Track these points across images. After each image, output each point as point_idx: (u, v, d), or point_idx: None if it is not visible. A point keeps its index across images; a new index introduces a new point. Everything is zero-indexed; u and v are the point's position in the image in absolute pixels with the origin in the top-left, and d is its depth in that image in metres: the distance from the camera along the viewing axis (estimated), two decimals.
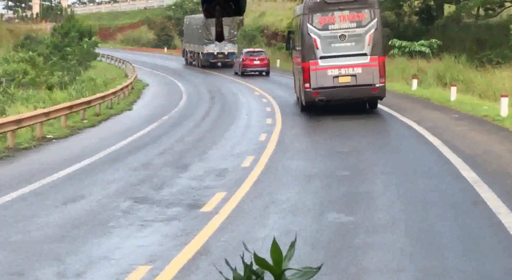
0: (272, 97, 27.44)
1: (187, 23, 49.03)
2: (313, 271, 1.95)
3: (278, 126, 18.99)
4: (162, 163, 13.46)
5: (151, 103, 26.77)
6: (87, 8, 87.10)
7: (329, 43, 19.39)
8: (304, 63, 19.56)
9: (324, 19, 19.35)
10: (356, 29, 19.35)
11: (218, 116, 21.98)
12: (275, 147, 15.27)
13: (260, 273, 1.95)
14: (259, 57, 39.33)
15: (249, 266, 1.94)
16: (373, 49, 19.38)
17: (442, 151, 13.92)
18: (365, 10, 19.40)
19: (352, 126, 18.54)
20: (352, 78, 19.36)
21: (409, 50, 40.84)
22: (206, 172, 12.48)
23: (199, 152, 14.81)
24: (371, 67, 19.36)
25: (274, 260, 1.95)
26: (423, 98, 25.48)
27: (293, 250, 1.97)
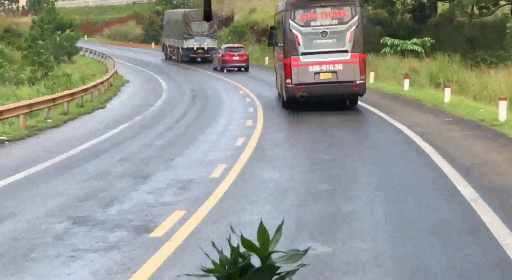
0: (256, 96, 25.87)
1: (167, 17, 48.54)
2: (300, 254, 1.93)
3: (258, 129, 17.42)
4: (121, 173, 11.85)
5: (128, 101, 25.15)
6: (75, 2, 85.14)
7: (310, 40, 19.35)
8: (286, 59, 19.48)
9: (306, 15, 19.31)
10: (337, 26, 19.35)
11: (196, 117, 20.38)
12: (252, 153, 13.69)
13: (246, 255, 1.91)
14: (238, 52, 38.80)
15: (235, 249, 1.91)
16: (354, 46, 19.37)
17: (435, 161, 12.37)
18: (347, 8, 19.40)
19: (337, 130, 16.98)
20: (333, 75, 19.39)
21: (401, 49, 39.29)
22: (168, 184, 10.89)
23: (166, 159, 13.21)
24: (352, 64, 19.37)
25: (261, 243, 1.92)
26: (415, 99, 23.94)
27: (280, 233, 1.96)
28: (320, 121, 18.66)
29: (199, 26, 43.32)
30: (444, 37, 42.56)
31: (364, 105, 22.44)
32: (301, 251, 1.97)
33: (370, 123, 18.41)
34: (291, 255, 1.97)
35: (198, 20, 43.08)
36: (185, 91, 28.86)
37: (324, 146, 14.62)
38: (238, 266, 1.96)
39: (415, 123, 17.85)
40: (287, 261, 1.96)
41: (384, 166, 12.17)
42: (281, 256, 1.97)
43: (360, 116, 20.05)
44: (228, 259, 1.96)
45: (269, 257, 1.96)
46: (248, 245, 1.95)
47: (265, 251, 1.96)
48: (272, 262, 1.96)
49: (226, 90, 28.94)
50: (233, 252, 1.96)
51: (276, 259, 1.96)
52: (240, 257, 1.95)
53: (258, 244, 1.96)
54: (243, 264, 1.96)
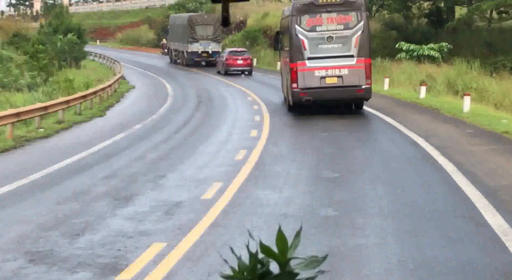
0: (265, 103, 24.51)
1: (172, 22, 48.45)
2: (319, 260, 1.87)
3: (262, 139, 16.04)
4: (102, 193, 10.50)
5: (130, 108, 23.85)
6: (88, 6, 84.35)
7: (316, 44, 19.37)
8: (292, 63, 19.53)
9: (312, 20, 19.34)
10: (343, 31, 19.34)
11: (198, 126, 19.03)
12: (251, 169, 12.30)
13: (265, 262, 1.87)
14: (242, 56, 38.76)
15: (254, 255, 1.86)
16: (360, 51, 19.36)
17: (456, 181, 10.92)
18: (352, 13, 19.41)
19: (345, 141, 15.56)
20: (338, 79, 19.39)
21: (417, 54, 37.78)
22: (152, 208, 9.53)
23: (156, 176, 11.85)
24: (358, 69, 19.38)
25: (279, 249, 1.88)
26: (432, 108, 22.45)
27: (298, 239, 1.92)
28: (328, 131, 17.26)
29: (203, 30, 43.56)
30: (462, 42, 40.98)
31: (377, 113, 21.00)
32: (320, 257, 1.89)
33: (383, 133, 16.97)
34: (310, 262, 1.89)
35: (202, 24, 43.55)
36: (191, 97, 27.55)
37: (330, 161, 13.20)
38: (257, 272, 1.87)
39: (433, 134, 16.39)
40: (305, 267, 1.89)
41: (397, 186, 10.73)
42: (299, 263, 1.90)
43: (372, 125, 18.63)
44: (247, 265, 1.86)
45: (288, 263, 1.88)
46: (267, 251, 1.88)
47: (284, 257, 1.88)
48: (290, 269, 1.89)
49: (233, 97, 27.60)
50: (251, 258, 1.87)
51: (294, 266, 1.89)
52: (258, 264, 1.87)
53: (276, 250, 1.88)
54: (261, 270, 1.87)
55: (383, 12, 53.29)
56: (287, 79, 20.35)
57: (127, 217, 9.01)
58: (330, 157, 13.67)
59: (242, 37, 57.41)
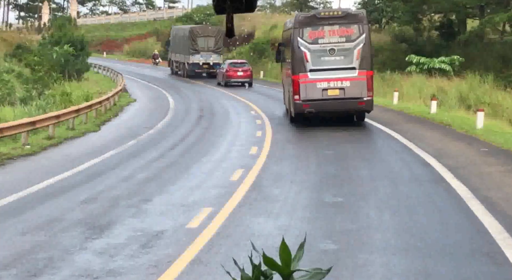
0: (268, 118, 23.41)
1: (174, 33, 48.65)
2: (323, 273, 1.87)
3: (262, 157, 14.93)
4: (76, 220, 9.37)
5: (127, 122, 22.77)
6: (96, 18, 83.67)
7: (318, 57, 19.41)
8: (294, 75, 19.58)
9: (314, 33, 19.39)
10: (345, 43, 19.38)
11: (195, 142, 17.92)
12: (246, 192, 11.18)
13: (268, 274, 1.87)
14: (242, 68, 38.93)
15: (257, 266, 1.86)
16: (362, 64, 19.40)
17: (472, 209, 9.76)
18: (354, 26, 19.44)
19: (350, 160, 14.40)
20: (340, 91, 19.43)
21: (428, 67, 36.63)
22: (129, 239, 8.40)
23: (141, 199, 10.73)
24: (359, 81, 19.40)
25: (283, 261, 1.88)
26: (443, 123, 21.27)
27: (302, 251, 1.94)
28: (333, 148, 16.13)
29: (205, 41, 43.67)
30: (474, 55, 39.81)
31: (386, 129, 19.85)
32: (324, 270, 1.89)
33: (391, 151, 15.81)
34: (313, 274, 1.89)
35: (204, 36, 43.74)
36: (192, 110, 26.49)
37: (333, 183, 12.05)
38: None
39: (445, 154, 15.22)
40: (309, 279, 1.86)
41: (406, 215, 9.56)
42: (303, 275, 1.88)
43: (380, 142, 17.48)
44: (249, 277, 1.87)
45: (291, 275, 1.88)
46: (270, 263, 1.88)
47: (287, 269, 1.87)
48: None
49: (236, 110, 26.52)
50: (254, 270, 1.88)
51: (298, 278, 1.88)
52: (262, 275, 1.87)
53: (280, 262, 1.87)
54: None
55: (393, 25, 52.25)
56: (289, 91, 20.38)
57: (98, 251, 7.89)
58: (334, 178, 12.52)
59: (250, 49, 56.54)
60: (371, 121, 21.97)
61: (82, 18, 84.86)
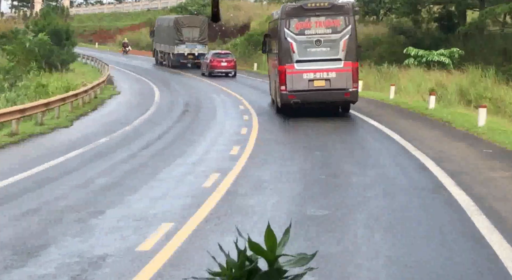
0: (257, 114, 21.88)
1: (159, 24, 48.51)
2: (307, 258, 1.88)
3: (243, 159, 13.40)
4: (2, 241, 7.84)
5: (105, 117, 21.21)
6: (90, 8, 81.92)
7: (305, 48, 19.40)
8: (280, 66, 19.51)
9: (301, 24, 19.38)
10: (331, 35, 19.39)
11: (173, 140, 16.38)
12: (217, 204, 9.64)
13: (254, 259, 1.86)
14: (226, 58, 38.96)
15: (242, 252, 1.86)
16: (347, 55, 19.40)
17: (478, 226, 8.25)
18: (340, 17, 19.48)
19: (342, 163, 12.86)
20: (326, 82, 19.42)
21: (426, 60, 35.07)
22: (61, 267, 6.85)
23: (91, 212, 9.19)
24: (345, 72, 19.39)
25: (268, 246, 1.87)
26: (442, 120, 19.75)
27: (287, 236, 1.91)
28: (322, 149, 14.62)
29: (190, 32, 43.47)
30: (474, 48, 38.25)
31: (381, 127, 18.35)
32: (309, 255, 1.90)
33: (387, 153, 14.29)
34: (298, 259, 1.89)
35: (189, 26, 43.58)
36: (177, 105, 24.94)
37: (319, 192, 10.53)
38: (245, 269, 1.86)
39: (445, 156, 13.70)
40: (294, 264, 1.87)
41: (401, 235, 8.04)
42: (288, 260, 1.88)
43: (375, 142, 15.95)
44: (235, 262, 1.87)
45: (277, 260, 1.87)
46: (255, 248, 1.87)
47: (272, 254, 1.87)
48: (279, 266, 1.87)
49: (224, 105, 24.98)
50: (240, 255, 1.87)
51: (283, 263, 1.88)
52: (247, 261, 1.87)
53: (265, 247, 1.87)
54: (250, 267, 1.86)
55: (391, 16, 50.62)
56: (276, 82, 20.31)
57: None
58: (320, 186, 11.00)
59: (245, 41, 54.97)
60: (365, 118, 20.45)
61: (75, 7, 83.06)
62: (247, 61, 48.85)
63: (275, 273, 1.86)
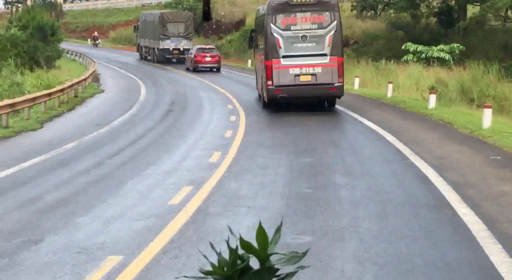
0: (246, 114, 20.35)
1: (143, 19, 48.05)
2: (299, 256, 1.87)
3: (221, 169, 11.83)
4: None
5: (80, 118, 19.61)
6: (83, 4, 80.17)
7: (291, 43, 19.37)
8: (267, 61, 19.49)
9: (287, 19, 19.37)
10: (317, 30, 19.41)
11: (147, 146, 14.76)
12: (180, 230, 8.06)
13: (245, 257, 1.85)
14: (210, 54, 38.74)
15: (234, 250, 1.85)
16: (333, 50, 19.43)
17: (493, 260, 6.72)
18: (326, 13, 19.49)
19: (332, 175, 11.24)
20: (312, 77, 19.45)
21: (425, 56, 33.53)
22: None
23: (26, 241, 7.55)
24: (331, 67, 19.44)
25: (259, 244, 1.86)
26: (443, 121, 18.22)
27: (279, 234, 1.90)
28: (313, 155, 13.08)
29: (175, 27, 43.21)
30: (474, 44, 36.68)
31: (377, 128, 16.82)
32: (300, 253, 1.87)
33: (381, 160, 12.75)
34: (290, 257, 1.87)
35: (174, 21, 43.26)
36: (162, 104, 23.39)
37: (303, 211, 8.94)
38: (236, 268, 1.84)
39: (447, 164, 12.16)
40: (286, 263, 1.86)
41: (397, 270, 6.52)
42: (280, 258, 1.87)
43: (370, 146, 14.41)
44: (226, 261, 1.86)
45: (268, 259, 1.86)
46: (247, 247, 1.86)
47: (264, 252, 1.86)
48: (271, 264, 1.86)
49: (212, 104, 23.43)
50: (231, 254, 1.86)
51: (275, 261, 1.86)
52: (238, 259, 1.85)
53: (257, 245, 1.86)
54: (241, 266, 1.85)
55: (389, 11, 49.03)
56: (262, 77, 20.23)
57: None
58: (305, 202, 9.43)
59: (240, 37, 53.40)
60: (360, 117, 18.92)
61: (68, 3, 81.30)
62: (243, 58, 47.28)
63: (267, 271, 1.82)
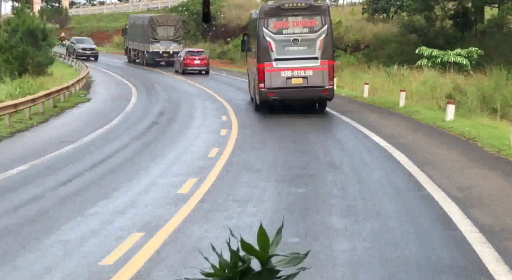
0: (239, 125, 17.90)
1: (131, 22, 48.34)
2: (300, 257, 1.85)
3: (188, 206, 9.32)
4: None
5: (46, 134, 16.72)
6: (89, 9, 78.04)
7: (283, 46, 19.53)
8: (259, 64, 19.66)
9: (279, 23, 19.54)
10: (308, 34, 19.57)
11: (112, 169, 12.21)
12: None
13: (246, 259, 1.83)
14: (199, 56, 39.07)
15: (235, 252, 1.83)
16: (324, 53, 19.56)
17: None
18: (317, 17, 19.65)
19: (325, 212, 8.72)
20: (304, 80, 19.58)
21: (441, 61, 30.89)
22: None
23: None
24: (321, 70, 19.54)
25: (260, 246, 1.84)
26: (464, 136, 15.63)
27: (280, 236, 1.88)
28: (308, 181, 10.56)
29: (164, 30, 43.25)
30: (491, 47, 33.98)
31: (385, 144, 14.30)
32: (302, 254, 1.86)
33: (390, 190, 10.20)
34: (291, 259, 1.85)
35: (164, 25, 43.40)
36: (150, 114, 20.84)
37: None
38: (238, 269, 1.82)
39: (475, 197, 9.59)
40: (287, 264, 1.84)
41: None
42: (281, 260, 1.85)
43: (378, 167, 11.86)
44: (227, 262, 1.83)
45: (269, 260, 1.84)
46: (248, 249, 1.84)
47: (265, 254, 1.84)
48: (272, 266, 1.84)
49: (205, 115, 20.93)
50: (232, 255, 1.83)
51: (276, 263, 1.84)
52: (240, 261, 1.83)
53: (258, 247, 1.84)
54: (243, 267, 1.83)
55: (402, 14, 46.38)
56: (255, 79, 20.30)
57: None
58: (293, 244, 6.92)
59: None
60: (367, 131, 16.39)
61: (74, 8, 79.22)
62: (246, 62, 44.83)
63: (268, 273, 1.81)
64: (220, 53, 53.86)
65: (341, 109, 21.34)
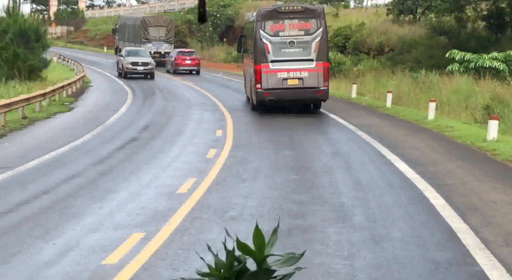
0: (233, 144, 14.49)
1: (122, 22, 48.47)
2: (296, 257, 1.85)
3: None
4: None
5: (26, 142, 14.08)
6: (105, 11, 75.34)
7: (279, 48, 19.75)
8: (256, 65, 19.81)
9: (275, 26, 19.77)
10: (304, 36, 19.79)
11: (65, 197, 8.90)
12: None
13: (242, 259, 1.83)
14: (190, 57, 39.39)
15: (231, 252, 1.83)
16: (319, 55, 19.79)
17: None
18: (312, 20, 19.86)
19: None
20: (299, 81, 19.76)
21: (475, 66, 27.18)
22: None
23: None
24: (316, 72, 19.75)
25: (256, 246, 1.84)
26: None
27: (276, 236, 1.89)
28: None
29: (156, 31, 43.52)
30: None
31: (415, 178, 10.71)
32: (297, 254, 1.86)
33: (424, 267, 6.74)
34: (287, 259, 1.85)
35: (155, 25, 43.67)
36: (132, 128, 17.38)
37: None
38: (233, 270, 1.82)
39: None
40: (283, 264, 1.84)
41: None
42: (277, 260, 1.84)
43: (404, 221, 8.31)
44: (223, 262, 1.83)
45: (265, 260, 1.84)
46: (244, 249, 1.84)
47: (261, 254, 1.84)
48: (268, 266, 1.83)
49: (197, 129, 17.51)
50: (228, 255, 1.83)
51: (272, 263, 1.84)
52: (235, 261, 1.83)
53: (253, 247, 1.84)
54: (238, 268, 1.83)
55: (430, 15, 42.63)
56: (251, 80, 20.58)
57: None
58: None
59: None
60: (391, 156, 12.80)
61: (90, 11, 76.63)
62: None
63: (264, 273, 1.80)
64: (236, 56, 50.78)
65: (359, 123, 17.88)
